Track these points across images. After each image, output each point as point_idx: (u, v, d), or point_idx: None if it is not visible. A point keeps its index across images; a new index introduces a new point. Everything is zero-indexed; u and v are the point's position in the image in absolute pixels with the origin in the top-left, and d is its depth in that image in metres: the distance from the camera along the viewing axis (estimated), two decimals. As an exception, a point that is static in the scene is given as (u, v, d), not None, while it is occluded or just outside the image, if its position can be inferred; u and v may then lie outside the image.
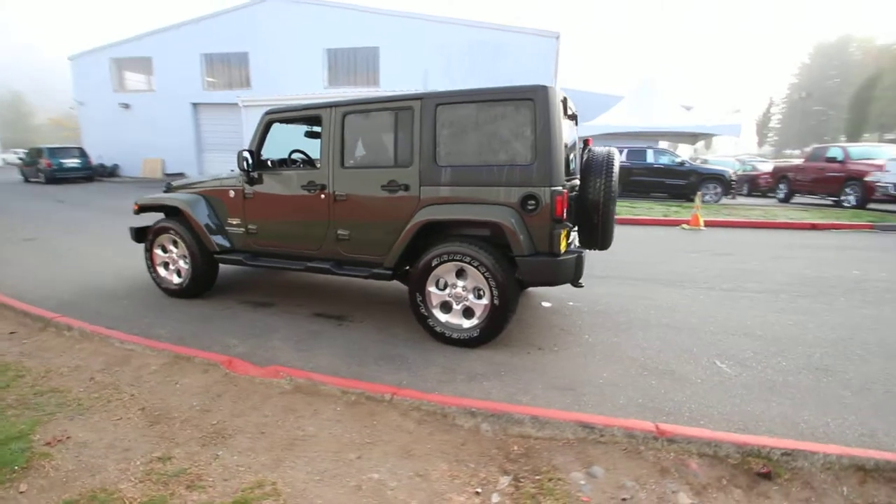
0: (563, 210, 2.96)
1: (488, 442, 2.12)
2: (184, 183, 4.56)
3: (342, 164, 3.53)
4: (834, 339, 3.45)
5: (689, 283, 4.98)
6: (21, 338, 3.28)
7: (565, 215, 2.99)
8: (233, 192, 4.04)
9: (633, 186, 13.69)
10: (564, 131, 3.07)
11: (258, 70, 19.77)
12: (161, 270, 4.42)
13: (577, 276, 3.15)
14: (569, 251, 3.11)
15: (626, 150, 13.70)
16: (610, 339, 3.46)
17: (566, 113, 3.23)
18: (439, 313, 3.31)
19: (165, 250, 4.37)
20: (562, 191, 2.94)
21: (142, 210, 4.49)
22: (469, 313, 3.26)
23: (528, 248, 2.97)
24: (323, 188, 3.59)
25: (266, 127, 3.86)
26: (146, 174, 21.08)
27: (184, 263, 4.28)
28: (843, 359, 3.13)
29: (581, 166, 3.48)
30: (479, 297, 3.20)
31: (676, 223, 9.11)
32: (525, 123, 2.97)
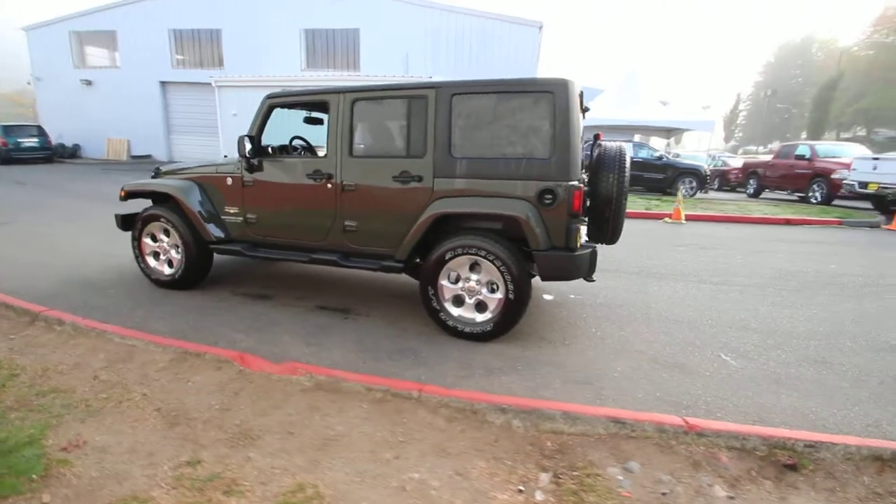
0: (580, 205, 2.97)
1: (521, 438, 2.13)
2: (174, 168, 4.33)
3: (351, 153, 3.42)
4: (824, 332, 3.61)
5: (681, 277, 5.12)
6: (7, 333, 3.06)
7: (582, 210, 3.01)
8: (230, 180, 3.86)
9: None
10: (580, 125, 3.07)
11: (232, 49, 18.96)
12: (150, 260, 4.21)
13: (591, 271, 3.18)
14: (583, 246, 3.13)
15: (606, 143, 13.87)
16: (616, 333, 3.52)
17: (581, 106, 3.23)
18: (451, 307, 3.28)
19: (155, 239, 4.16)
20: (579, 185, 2.95)
21: (129, 196, 4.25)
22: (482, 307, 3.24)
23: (546, 243, 2.98)
24: (330, 177, 3.47)
25: (267, 112, 3.69)
26: (110, 155, 20.01)
27: (175, 253, 4.09)
28: (835, 351, 3.28)
29: (592, 160, 3.49)
30: (493, 291, 3.19)
31: (659, 216, 9.34)
32: (544, 116, 2.95)
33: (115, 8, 19.43)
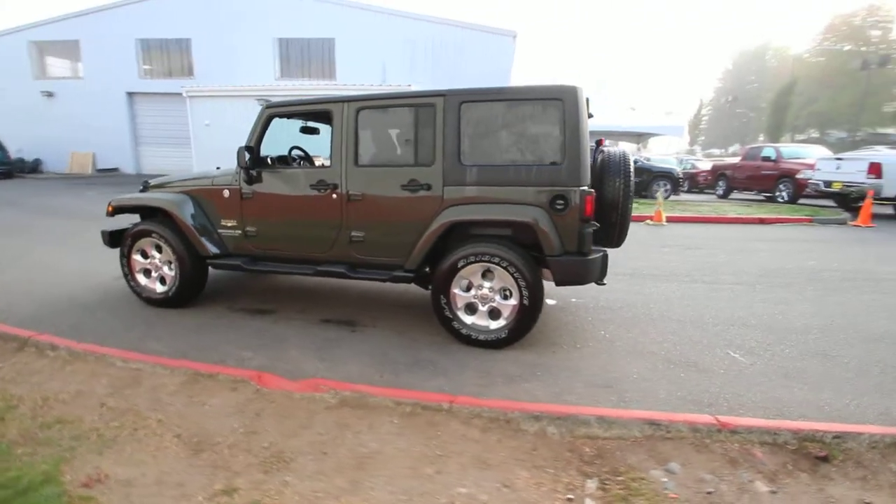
0: (593, 210, 3.01)
1: (558, 445, 2.11)
2: (164, 181, 4.17)
3: (356, 163, 3.37)
4: (818, 326, 3.75)
5: (673, 277, 5.24)
6: (-7, 361, 2.86)
7: (593, 215, 3.04)
8: (227, 192, 3.74)
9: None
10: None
11: (202, 58, 18.52)
12: (141, 278, 4.02)
13: (603, 275, 3.21)
14: (595, 250, 3.16)
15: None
16: (624, 335, 3.56)
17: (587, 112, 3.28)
18: (464, 315, 3.26)
19: (146, 256, 3.98)
20: (591, 191, 2.99)
21: (117, 212, 4.06)
22: (494, 314, 3.23)
23: (559, 249, 2.99)
24: (335, 187, 3.41)
25: (266, 122, 3.60)
26: (74, 169, 19.14)
27: (168, 270, 3.92)
28: (832, 344, 3.41)
29: (597, 166, 3.54)
30: (506, 298, 3.18)
31: (640, 219, 9.56)
32: (554, 123, 2.98)
33: (78, 17, 18.72)
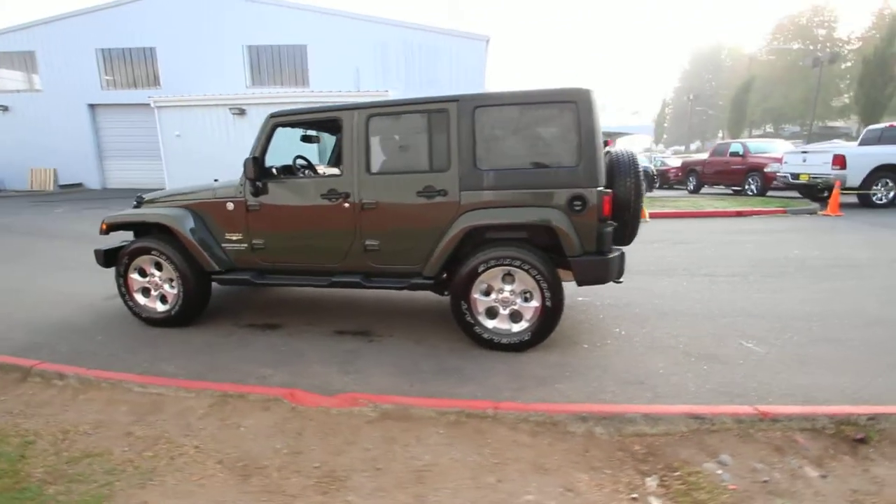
0: (611, 209, 3.05)
1: (608, 445, 2.12)
2: (159, 196, 4.00)
3: (368, 170, 3.32)
4: (818, 313, 3.91)
5: (670, 272, 5.38)
6: (-6, 394, 2.66)
7: (610, 214, 3.09)
8: (231, 205, 3.61)
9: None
10: None
11: (169, 67, 17.94)
12: (139, 297, 3.83)
13: (621, 273, 3.26)
14: (612, 249, 3.21)
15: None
16: (639, 331, 3.62)
17: None
18: (485, 320, 3.25)
19: (144, 274, 3.80)
20: (608, 191, 3.04)
21: (111, 229, 3.86)
22: (516, 317, 3.23)
23: (580, 249, 3.02)
24: (347, 196, 3.35)
25: (271, 131, 3.50)
26: (35, 186, 18.16)
27: (169, 287, 3.76)
28: (836, 329, 3.56)
29: (605, 167, 3.59)
30: (527, 301, 3.18)
31: (624, 216, 9.77)
32: (569, 125, 3.01)
33: (33, 27, 17.82)
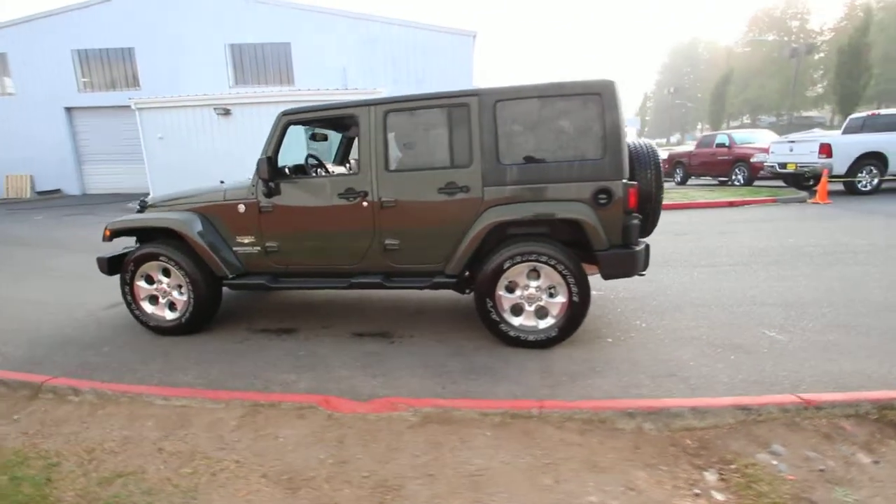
0: (636, 202, 3.03)
1: (658, 440, 2.10)
2: (164, 199, 3.85)
3: (387, 168, 3.24)
4: (827, 300, 3.96)
5: (676, 263, 5.41)
6: (6, 414, 2.51)
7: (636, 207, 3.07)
8: (243, 207, 3.50)
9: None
10: None
11: (148, 68, 17.44)
12: (147, 305, 3.69)
13: (646, 266, 3.25)
14: (639, 242, 3.19)
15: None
16: (659, 323, 3.62)
17: None
18: (511, 317, 3.20)
19: (151, 281, 3.66)
20: (634, 183, 3.01)
21: (115, 235, 3.71)
22: (541, 313, 3.20)
23: (606, 243, 3.00)
24: (365, 195, 3.26)
25: (283, 130, 3.39)
26: (10, 194, 17.52)
27: (178, 294, 3.63)
28: (848, 315, 3.60)
29: None
30: (552, 296, 3.15)
31: (620, 209, 9.83)
32: (593, 118, 2.98)
33: (4, 28, 17.11)
